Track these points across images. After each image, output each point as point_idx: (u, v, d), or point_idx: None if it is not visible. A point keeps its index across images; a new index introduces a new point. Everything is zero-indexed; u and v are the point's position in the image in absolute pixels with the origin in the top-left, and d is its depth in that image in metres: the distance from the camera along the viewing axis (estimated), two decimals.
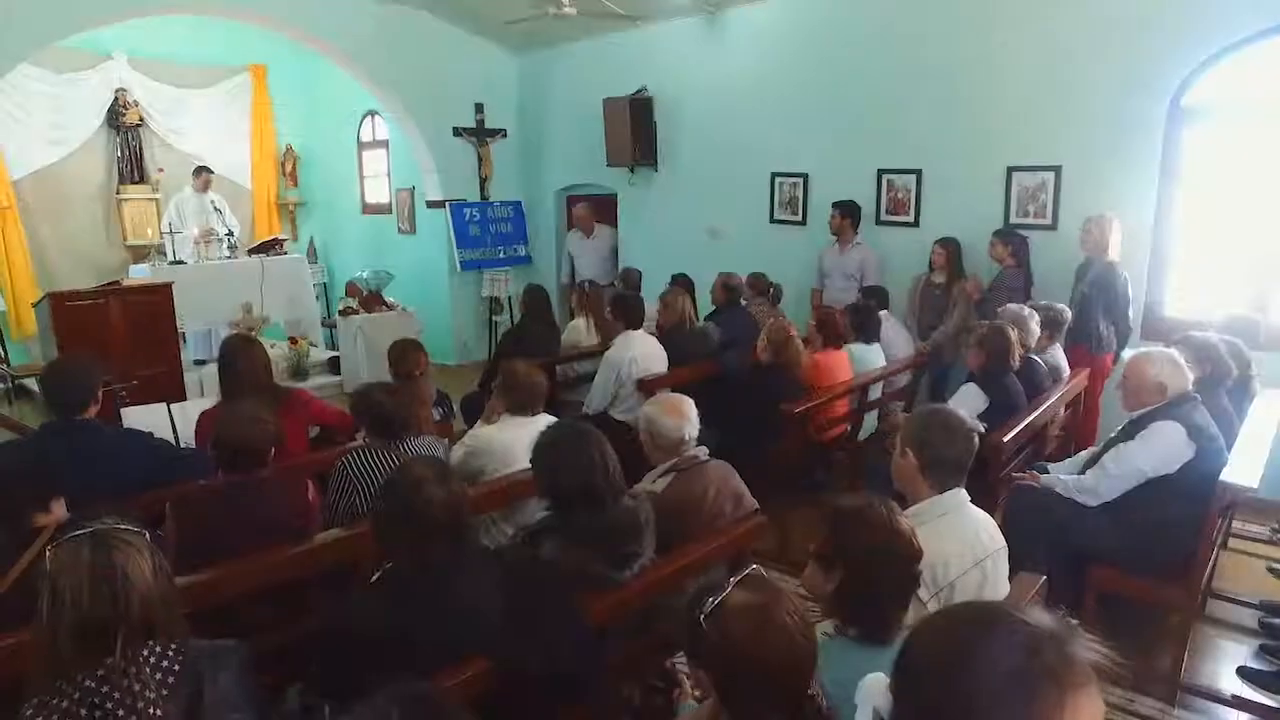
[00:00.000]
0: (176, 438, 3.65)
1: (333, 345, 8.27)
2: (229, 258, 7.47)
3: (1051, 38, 5.23)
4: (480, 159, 8.50)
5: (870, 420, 5.02)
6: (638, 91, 7.42)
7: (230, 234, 7.58)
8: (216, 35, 8.66)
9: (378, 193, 9.65)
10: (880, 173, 6.16)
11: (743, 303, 5.86)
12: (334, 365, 7.61)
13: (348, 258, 9.94)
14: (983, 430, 2.42)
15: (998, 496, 3.36)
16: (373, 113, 9.32)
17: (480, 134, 8.43)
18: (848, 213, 5.97)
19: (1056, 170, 5.35)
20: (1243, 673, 3.14)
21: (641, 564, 2.36)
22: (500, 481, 3.13)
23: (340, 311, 7.61)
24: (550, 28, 7.18)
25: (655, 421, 2.82)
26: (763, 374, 4.51)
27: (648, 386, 4.52)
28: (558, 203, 8.77)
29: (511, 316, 8.63)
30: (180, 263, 7.20)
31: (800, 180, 6.68)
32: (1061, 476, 3.31)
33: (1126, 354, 3.59)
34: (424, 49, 7.85)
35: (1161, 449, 3.04)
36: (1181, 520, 2.99)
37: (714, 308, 5.80)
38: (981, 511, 2.23)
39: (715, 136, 7.13)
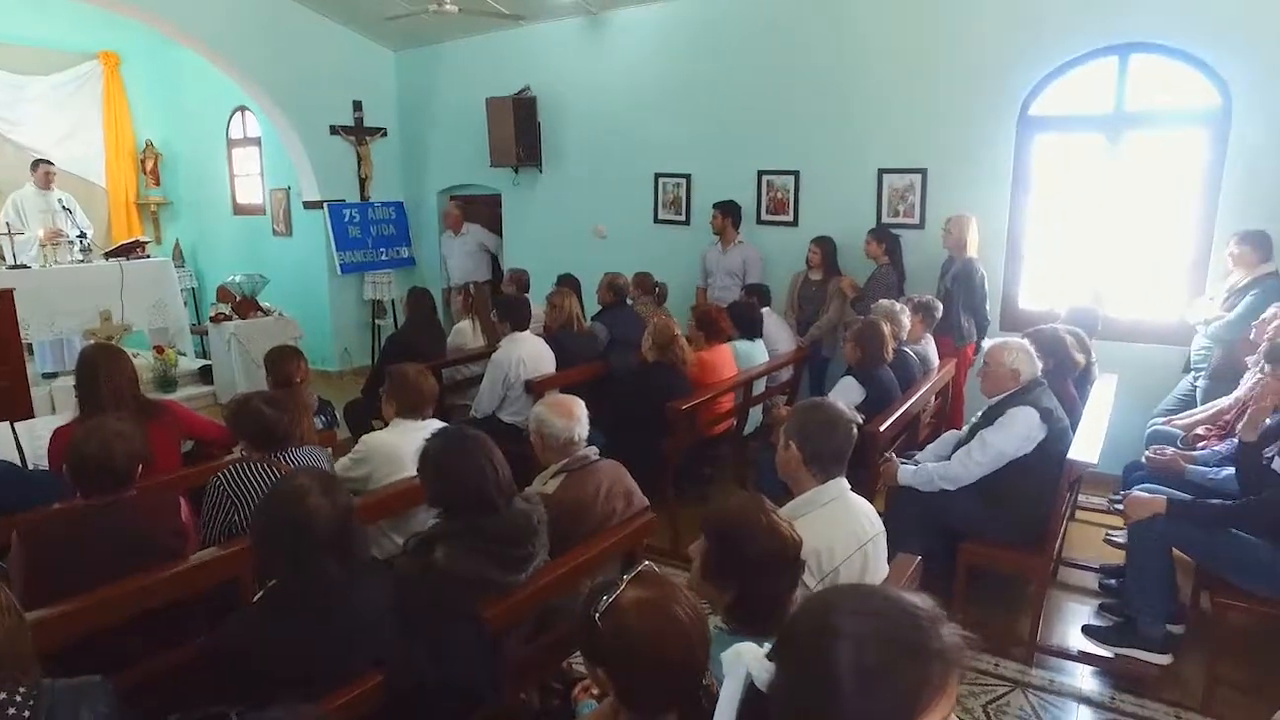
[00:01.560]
0: (23, 458, 3.37)
1: (204, 354, 7.83)
2: (81, 261, 6.93)
3: (915, 48, 5.56)
4: (359, 158, 8.24)
5: (756, 414, 5.18)
6: (521, 91, 7.37)
7: (83, 236, 7.03)
8: (58, 17, 8.00)
9: (250, 193, 9.18)
10: (760, 174, 6.37)
11: (629, 302, 5.93)
12: (206, 375, 7.21)
13: (219, 261, 9.41)
14: (860, 421, 2.55)
15: (877, 483, 3.55)
16: (243, 108, 8.86)
17: (359, 132, 8.17)
18: (729, 212, 6.14)
19: (923, 173, 5.68)
20: (1086, 630, 3.44)
21: (535, 566, 2.37)
22: (389, 489, 3.06)
23: (211, 318, 7.21)
24: (431, 24, 7.03)
25: (545, 423, 2.83)
26: (649, 373, 4.58)
27: (537, 388, 4.51)
28: (441, 203, 8.61)
29: (395, 320, 8.41)
30: (22, 267, 6.63)
31: (683, 181, 6.82)
32: (928, 466, 3.50)
33: (985, 344, 3.88)
34: (297, 42, 7.53)
35: (1019, 432, 3.29)
36: (1036, 496, 3.26)
37: (600, 307, 5.85)
38: (862, 498, 2.36)
39: (599, 137, 7.18)
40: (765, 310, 5.50)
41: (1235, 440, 3.70)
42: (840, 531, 2.16)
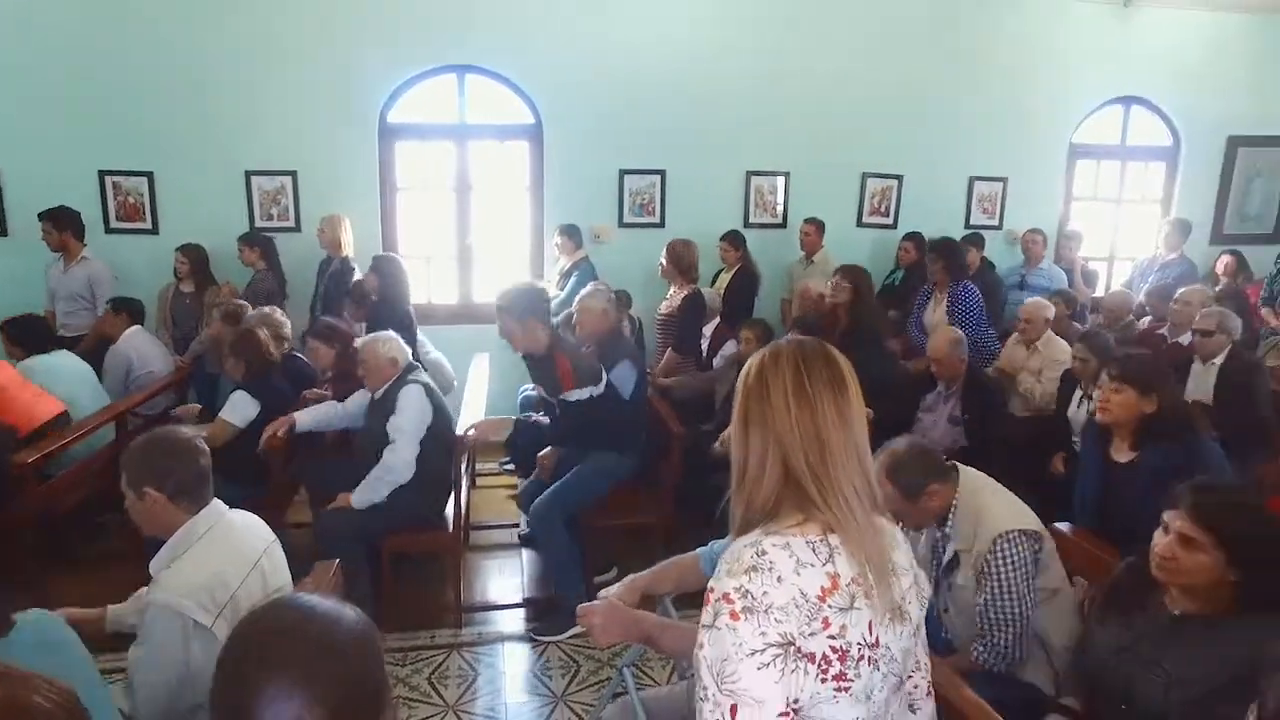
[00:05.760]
0: None
1: None
2: None
3: (279, 51, 5.45)
4: None
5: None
6: None
7: None
8: None
9: None
10: (104, 174, 5.48)
11: None
12: None
13: None
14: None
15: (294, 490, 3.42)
16: None
17: None
18: (64, 222, 5.08)
19: (293, 175, 5.62)
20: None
21: None
22: None
23: None
24: None
25: None
26: None
27: None
28: None
29: None
30: None
31: None
32: (371, 479, 3.43)
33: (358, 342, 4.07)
34: None
35: (416, 407, 3.46)
36: (436, 476, 3.53)
37: None
38: (246, 513, 2.18)
39: None
40: (134, 329, 4.78)
41: None
42: (229, 556, 1.99)
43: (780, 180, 6.25)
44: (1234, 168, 6.98)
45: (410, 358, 3.71)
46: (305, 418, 3.75)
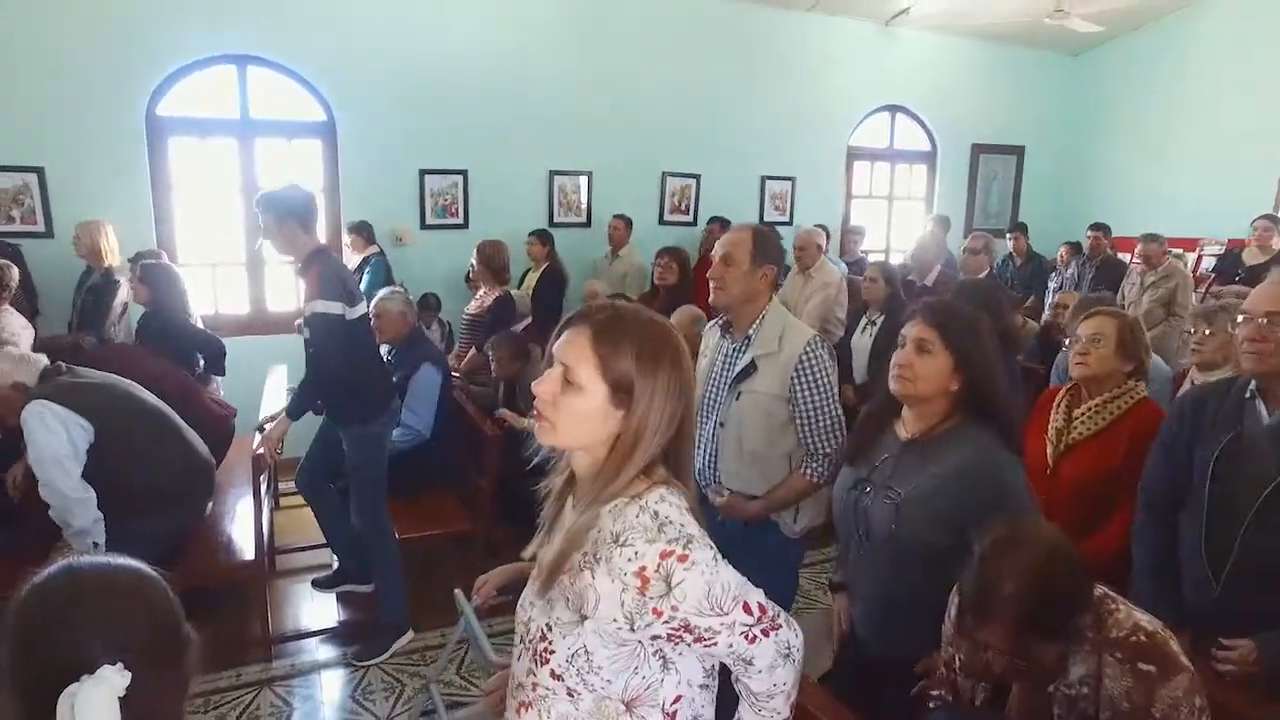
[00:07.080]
0: None
1: None
2: None
3: (21, 21, 4.78)
4: None
5: None
6: None
7: None
8: None
9: None
10: None
11: None
12: None
13: None
14: None
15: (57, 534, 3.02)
16: None
17: None
18: None
19: (38, 172, 4.95)
20: (314, 583, 3.87)
21: None
22: None
23: None
24: None
25: None
26: None
27: None
28: None
29: None
30: None
31: None
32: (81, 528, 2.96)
33: None
34: None
35: (51, 427, 2.88)
36: (195, 496, 3.31)
37: None
38: None
39: None
40: None
41: None
42: None
43: (583, 179, 6.35)
44: (978, 171, 7.95)
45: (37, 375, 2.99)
46: None
